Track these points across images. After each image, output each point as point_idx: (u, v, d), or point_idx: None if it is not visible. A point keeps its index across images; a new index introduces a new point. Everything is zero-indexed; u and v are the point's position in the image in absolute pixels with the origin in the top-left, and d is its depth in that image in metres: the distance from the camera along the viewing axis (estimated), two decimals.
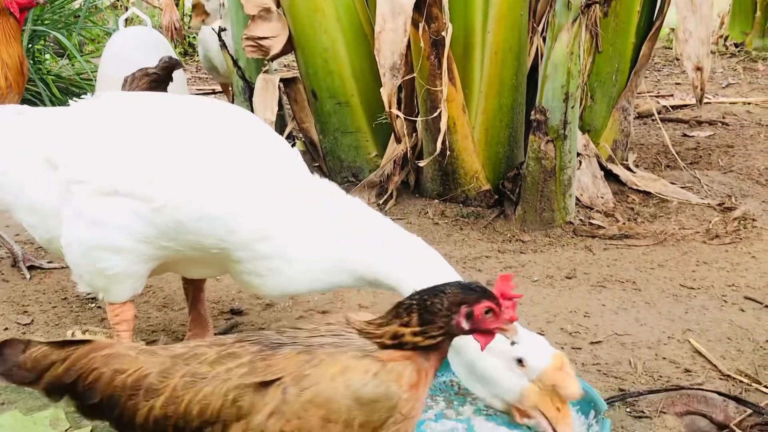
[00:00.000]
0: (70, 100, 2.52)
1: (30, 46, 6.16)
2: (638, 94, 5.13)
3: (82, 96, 2.50)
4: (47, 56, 7.09)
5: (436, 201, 4.31)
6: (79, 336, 2.74)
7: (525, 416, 2.20)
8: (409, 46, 3.96)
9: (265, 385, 1.58)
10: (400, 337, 1.63)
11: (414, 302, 1.65)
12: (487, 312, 1.66)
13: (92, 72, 6.15)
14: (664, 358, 2.77)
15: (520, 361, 2.13)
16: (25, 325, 2.98)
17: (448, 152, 4.10)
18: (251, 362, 1.62)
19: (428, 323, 1.63)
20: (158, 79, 3.29)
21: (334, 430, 1.57)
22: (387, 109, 3.93)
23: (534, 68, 4.42)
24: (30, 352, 1.74)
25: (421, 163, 4.21)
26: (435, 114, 3.99)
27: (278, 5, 4.50)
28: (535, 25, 4.45)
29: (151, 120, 2.33)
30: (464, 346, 2.14)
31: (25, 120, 2.51)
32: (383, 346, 1.63)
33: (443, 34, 3.85)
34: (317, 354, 1.61)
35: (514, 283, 1.75)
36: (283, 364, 1.60)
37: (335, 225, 2.28)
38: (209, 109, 2.42)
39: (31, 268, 3.47)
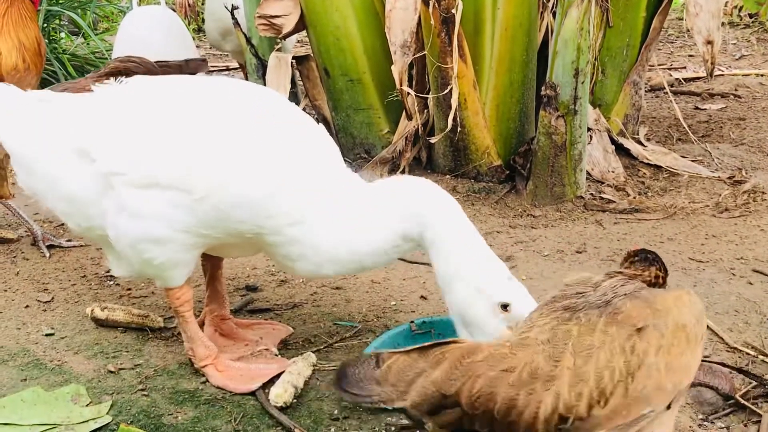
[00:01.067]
0: (92, 85, 2.52)
1: (45, 25, 6.20)
2: (650, 67, 5.13)
3: (106, 82, 2.49)
4: (62, 35, 7.14)
5: (448, 177, 4.34)
6: (98, 313, 2.80)
7: None
8: (419, 23, 3.98)
9: (640, 330, 1.69)
10: (657, 278, 1.89)
11: (650, 254, 1.93)
12: None
13: (107, 51, 6.19)
14: None
15: (505, 307, 2.19)
16: (45, 302, 3.05)
17: (459, 128, 4.13)
18: (611, 320, 1.70)
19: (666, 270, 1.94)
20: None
21: (690, 348, 1.74)
22: (398, 86, 3.95)
23: (544, 44, 4.44)
24: (389, 364, 1.65)
25: (433, 140, 4.24)
26: (446, 91, 4.01)
27: None
28: (545, 1, 4.46)
29: (183, 107, 2.34)
30: (457, 291, 2.24)
31: (52, 108, 2.49)
32: (648, 285, 1.87)
33: (453, 11, 3.87)
34: (645, 296, 1.77)
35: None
36: (635, 312, 1.72)
37: (364, 216, 2.33)
38: (239, 91, 2.43)
39: (50, 247, 3.53)
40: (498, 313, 2.19)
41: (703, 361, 2.54)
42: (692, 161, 4.55)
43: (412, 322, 2.62)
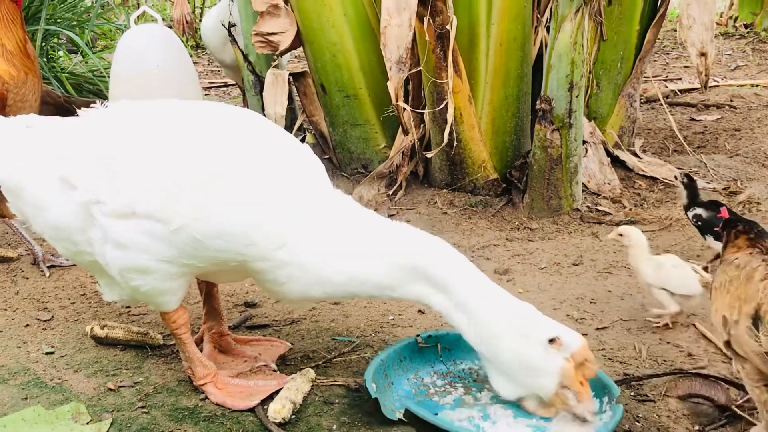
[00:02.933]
0: (78, 111, 2.52)
1: (43, 44, 6.24)
2: (645, 78, 5.15)
3: (91, 105, 2.50)
4: (60, 54, 7.18)
5: (445, 190, 4.37)
6: (98, 331, 2.82)
7: (557, 400, 2.29)
8: (414, 39, 4.01)
9: None
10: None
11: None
12: None
13: (105, 69, 6.22)
14: (668, 343, 2.83)
15: (552, 341, 2.23)
16: (45, 321, 3.06)
17: (455, 143, 4.16)
18: None
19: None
20: None
21: None
22: (394, 101, 3.98)
23: (539, 58, 4.47)
24: None
25: (429, 154, 4.27)
26: (442, 105, 4.04)
27: (286, 1, 4.56)
28: (539, 15, 4.50)
29: (159, 136, 2.32)
30: (505, 350, 2.27)
31: (37, 134, 2.50)
32: None
33: (448, 27, 3.90)
34: None
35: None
36: None
37: (352, 237, 2.32)
38: (220, 117, 2.41)
39: (50, 266, 3.55)
40: (550, 349, 2.23)
41: (699, 372, 2.57)
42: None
43: (418, 335, 2.63)
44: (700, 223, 3.43)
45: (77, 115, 2.53)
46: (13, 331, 2.98)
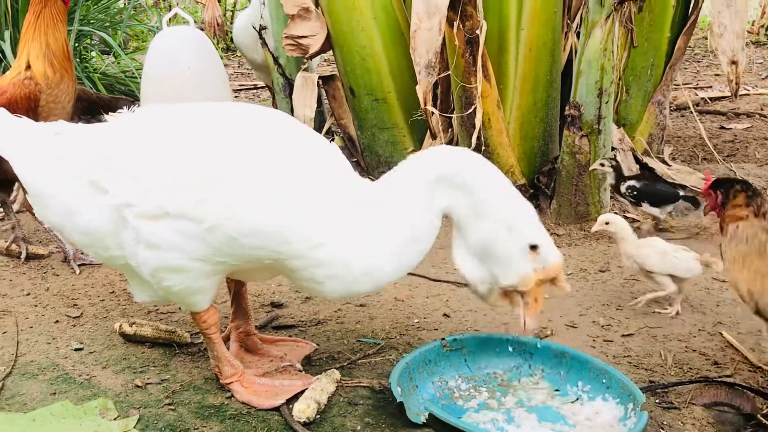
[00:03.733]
0: (105, 116, 2.54)
1: (77, 45, 6.30)
2: (675, 86, 5.14)
3: (119, 111, 2.51)
4: (93, 54, 7.25)
5: None
6: (126, 328, 2.85)
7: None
8: (444, 44, 4.02)
9: None
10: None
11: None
12: None
13: (137, 70, 6.28)
14: (694, 351, 2.82)
15: (533, 248, 2.29)
16: (74, 317, 3.10)
17: (483, 147, 4.16)
18: None
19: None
20: None
21: None
22: (423, 105, 3.99)
23: (568, 64, 4.47)
24: None
25: None
26: (470, 110, 4.04)
27: (317, 4, 4.59)
28: (569, 21, 4.49)
29: (193, 136, 2.33)
30: (483, 224, 2.31)
31: (66, 140, 2.50)
32: None
33: (478, 32, 3.90)
34: None
35: None
36: None
37: (385, 221, 2.34)
38: (248, 117, 2.42)
39: (81, 264, 3.59)
40: (526, 253, 2.28)
41: (722, 381, 2.56)
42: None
43: (443, 339, 2.63)
44: (635, 192, 3.81)
45: (107, 112, 2.55)
46: (43, 327, 3.02)
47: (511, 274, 2.32)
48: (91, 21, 6.71)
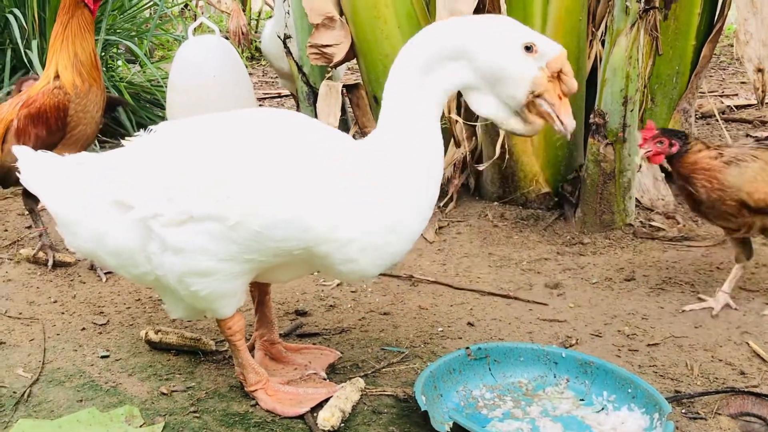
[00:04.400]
0: (133, 134, 2.56)
1: (103, 54, 6.36)
2: (701, 94, 5.11)
3: (147, 129, 2.53)
4: (119, 63, 7.32)
5: (496, 203, 4.37)
6: (152, 336, 2.87)
7: (535, 112, 2.28)
8: None
9: None
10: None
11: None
12: None
13: (162, 78, 6.33)
14: (720, 360, 2.80)
15: (528, 48, 2.21)
16: (101, 325, 3.13)
17: (507, 156, 4.16)
18: None
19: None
20: None
21: None
22: (446, 114, 4.00)
23: (593, 72, 4.45)
24: None
25: (481, 167, 4.27)
26: None
27: (341, 13, 4.60)
28: (593, 29, 4.48)
29: (204, 140, 2.37)
30: (486, 50, 2.25)
31: (87, 168, 2.55)
32: None
33: None
34: None
35: None
36: None
37: (389, 173, 2.32)
38: (256, 117, 2.45)
39: (107, 272, 3.62)
40: (526, 56, 2.21)
41: (749, 392, 2.54)
42: None
43: (467, 347, 2.63)
44: None
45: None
46: (69, 335, 3.04)
47: (522, 83, 2.23)
48: (118, 30, 6.78)
